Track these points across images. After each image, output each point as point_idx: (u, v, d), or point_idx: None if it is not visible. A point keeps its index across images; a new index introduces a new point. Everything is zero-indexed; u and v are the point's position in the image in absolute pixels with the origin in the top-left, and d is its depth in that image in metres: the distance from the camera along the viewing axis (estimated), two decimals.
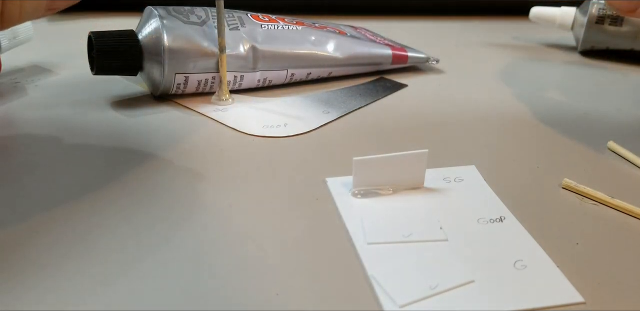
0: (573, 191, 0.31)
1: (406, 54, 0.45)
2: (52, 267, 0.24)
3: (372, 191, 0.30)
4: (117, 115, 0.38)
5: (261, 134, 0.36)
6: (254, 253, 0.25)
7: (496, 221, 0.28)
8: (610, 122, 0.39)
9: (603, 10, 0.49)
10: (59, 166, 0.31)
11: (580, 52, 0.53)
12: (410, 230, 0.27)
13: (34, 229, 0.26)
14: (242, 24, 0.40)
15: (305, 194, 0.30)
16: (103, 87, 0.42)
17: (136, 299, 0.23)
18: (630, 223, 0.28)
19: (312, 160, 0.33)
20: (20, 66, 0.45)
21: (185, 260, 0.25)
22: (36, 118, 0.37)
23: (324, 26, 0.45)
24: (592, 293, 0.24)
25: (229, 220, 0.28)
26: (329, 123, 0.37)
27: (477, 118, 0.39)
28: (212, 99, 0.39)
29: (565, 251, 0.26)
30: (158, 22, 0.37)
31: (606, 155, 0.35)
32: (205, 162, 0.32)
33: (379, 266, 0.25)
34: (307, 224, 0.27)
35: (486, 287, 0.24)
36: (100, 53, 0.37)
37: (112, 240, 0.26)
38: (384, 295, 0.23)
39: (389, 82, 0.44)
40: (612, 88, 0.45)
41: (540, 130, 0.37)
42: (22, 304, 0.22)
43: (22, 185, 0.30)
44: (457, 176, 0.31)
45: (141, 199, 0.29)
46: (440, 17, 0.62)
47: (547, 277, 0.24)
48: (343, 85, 0.43)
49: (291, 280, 0.24)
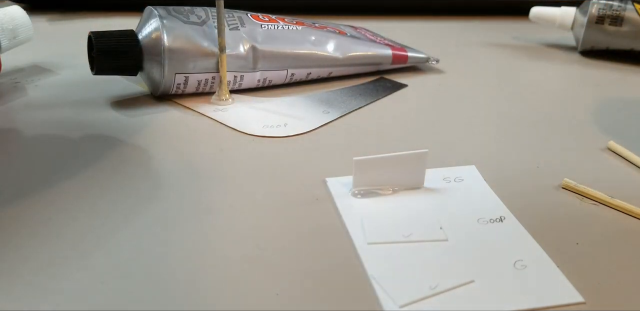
0: (573, 191, 0.31)
1: (406, 54, 0.45)
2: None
3: (372, 191, 0.30)
4: (117, 115, 0.38)
5: (261, 134, 0.36)
6: (254, 253, 0.25)
7: (496, 221, 0.28)
8: (610, 122, 0.39)
9: (603, 10, 0.49)
10: (58, 166, 0.31)
11: (580, 52, 0.53)
12: (410, 230, 0.27)
13: (33, 229, 0.26)
14: (242, 24, 0.40)
15: (305, 194, 0.30)
16: (103, 87, 0.42)
17: (135, 299, 0.23)
18: (630, 223, 0.28)
19: (312, 160, 0.33)
20: (20, 66, 0.45)
21: (186, 260, 0.25)
22: (36, 118, 0.37)
23: (324, 26, 0.45)
24: (592, 293, 0.24)
25: (229, 220, 0.28)
26: (329, 123, 0.37)
27: (477, 118, 0.39)
28: (212, 99, 0.39)
29: (565, 251, 0.26)
30: (158, 22, 0.37)
31: (606, 155, 0.35)
32: (205, 162, 0.32)
33: (379, 266, 0.25)
34: (307, 224, 0.27)
35: (486, 287, 0.24)
36: (100, 53, 0.37)
37: (111, 240, 0.26)
38: (384, 295, 0.23)
39: (389, 82, 0.44)
40: (612, 88, 0.45)
41: (540, 130, 0.37)
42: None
43: (22, 185, 0.30)
44: (457, 176, 0.31)
45: (141, 199, 0.29)
46: (440, 17, 0.62)
47: (547, 277, 0.24)
48: (343, 85, 0.43)
49: (291, 280, 0.24)
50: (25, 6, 0.59)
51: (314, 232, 0.27)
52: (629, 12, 0.49)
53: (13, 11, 0.42)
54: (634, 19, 0.48)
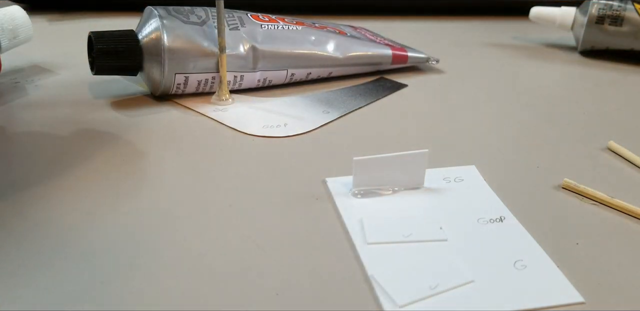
0: (573, 191, 0.31)
1: (406, 54, 0.45)
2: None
3: (372, 191, 0.30)
4: (117, 115, 0.38)
5: (261, 134, 0.36)
6: (254, 253, 0.25)
7: (496, 221, 0.28)
8: (610, 122, 0.39)
9: (603, 10, 0.49)
10: (58, 166, 0.31)
11: (580, 52, 0.53)
12: (410, 230, 0.27)
13: (32, 229, 0.26)
14: (242, 23, 0.40)
15: (305, 194, 0.30)
16: (103, 87, 0.42)
17: (135, 299, 0.23)
18: (630, 223, 0.28)
19: (312, 160, 0.33)
20: (20, 66, 0.45)
21: (185, 260, 0.25)
22: (36, 118, 0.37)
23: (324, 26, 0.45)
24: (592, 293, 0.24)
25: (229, 220, 0.28)
26: (329, 123, 0.37)
27: (477, 118, 0.39)
28: (212, 99, 0.39)
29: (565, 251, 0.26)
30: (158, 22, 0.37)
31: (606, 155, 0.35)
32: (205, 162, 0.32)
33: (379, 266, 0.25)
34: (307, 224, 0.27)
35: (486, 287, 0.24)
36: (100, 53, 0.37)
37: (110, 241, 0.26)
38: (384, 295, 0.23)
39: (389, 82, 0.44)
40: (612, 88, 0.45)
41: (540, 130, 0.37)
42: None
43: (22, 185, 0.30)
44: (457, 176, 0.31)
45: (141, 199, 0.29)
46: (441, 17, 0.62)
47: (547, 277, 0.24)
48: (343, 85, 0.43)
49: (291, 280, 0.24)
50: (25, 6, 0.59)
51: (314, 232, 0.27)
52: (629, 12, 0.49)
53: (13, 11, 0.42)
54: (634, 19, 0.48)
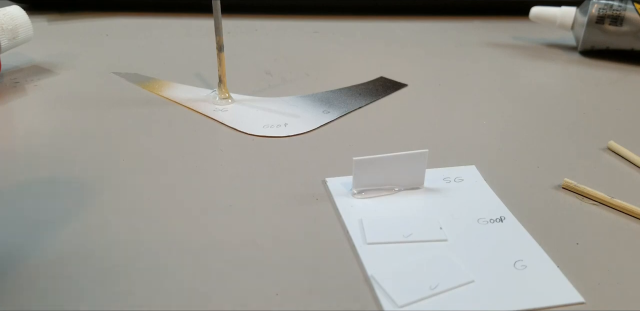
0: (573, 191, 0.31)
1: None
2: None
3: (372, 191, 0.30)
4: (116, 115, 0.37)
5: (261, 134, 0.36)
6: (254, 253, 0.25)
7: (496, 221, 0.28)
8: (610, 122, 0.39)
9: (603, 10, 0.49)
10: (58, 166, 0.31)
11: (580, 52, 0.53)
12: (410, 230, 0.27)
13: (32, 229, 0.26)
14: None
15: (305, 194, 0.30)
16: (103, 87, 0.42)
17: (135, 299, 0.23)
18: (630, 223, 0.28)
19: (312, 160, 0.33)
20: (20, 66, 0.45)
21: (185, 260, 0.25)
22: (36, 118, 0.37)
23: None
24: (592, 293, 0.24)
25: (229, 220, 0.28)
26: (329, 123, 0.37)
27: (477, 118, 0.39)
28: (212, 99, 0.39)
29: (565, 251, 0.26)
30: None
31: (606, 155, 0.35)
32: (205, 162, 0.32)
33: (379, 266, 0.25)
34: (307, 224, 0.27)
35: (486, 287, 0.24)
36: None
37: (111, 239, 0.26)
38: (384, 295, 0.23)
39: (389, 82, 0.44)
40: (612, 88, 0.45)
41: (540, 130, 0.37)
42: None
43: (22, 184, 0.30)
44: (457, 176, 0.31)
45: (140, 200, 0.29)
46: (440, 17, 0.62)
47: (547, 277, 0.24)
48: (343, 85, 0.43)
49: (291, 280, 0.24)
50: (25, 6, 0.59)
51: (314, 232, 0.27)
52: (629, 12, 0.49)
53: (13, 11, 0.42)
54: (634, 18, 0.48)
